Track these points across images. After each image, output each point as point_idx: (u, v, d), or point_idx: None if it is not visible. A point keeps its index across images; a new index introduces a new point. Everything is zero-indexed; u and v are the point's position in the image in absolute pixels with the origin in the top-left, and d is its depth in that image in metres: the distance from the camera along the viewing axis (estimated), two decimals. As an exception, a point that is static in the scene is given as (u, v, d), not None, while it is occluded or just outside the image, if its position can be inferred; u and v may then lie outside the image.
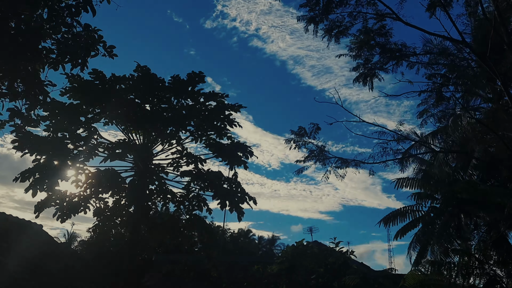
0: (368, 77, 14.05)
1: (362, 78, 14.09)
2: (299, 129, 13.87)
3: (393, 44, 13.60)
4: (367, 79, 14.05)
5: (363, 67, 14.12)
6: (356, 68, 14.30)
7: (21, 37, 7.28)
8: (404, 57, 13.79)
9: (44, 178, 14.99)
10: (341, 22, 13.32)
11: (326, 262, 16.01)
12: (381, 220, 18.71)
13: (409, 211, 17.80)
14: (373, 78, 14.08)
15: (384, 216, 18.63)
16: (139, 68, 17.50)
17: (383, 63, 13.86)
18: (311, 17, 13.19)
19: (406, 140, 14.44)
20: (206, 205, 17.73)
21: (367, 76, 14.11)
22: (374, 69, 14.02)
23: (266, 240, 48.02)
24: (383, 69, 14.03)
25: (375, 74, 14.08)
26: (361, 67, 14.15)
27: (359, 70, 14.27)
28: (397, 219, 17.74)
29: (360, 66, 14.19)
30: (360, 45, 13.68)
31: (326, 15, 13.07)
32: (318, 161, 13.73)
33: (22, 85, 7.97)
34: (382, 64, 13.92)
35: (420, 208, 17.88)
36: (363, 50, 13.73)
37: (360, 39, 13.61)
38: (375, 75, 14.08)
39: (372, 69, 14.04)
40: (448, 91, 15.32)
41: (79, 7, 7.41)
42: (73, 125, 16.08)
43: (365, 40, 13.52)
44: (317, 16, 13.12)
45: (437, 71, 14.90)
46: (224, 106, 17.88)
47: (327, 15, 13.06)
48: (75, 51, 7.93)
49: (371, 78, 14.06)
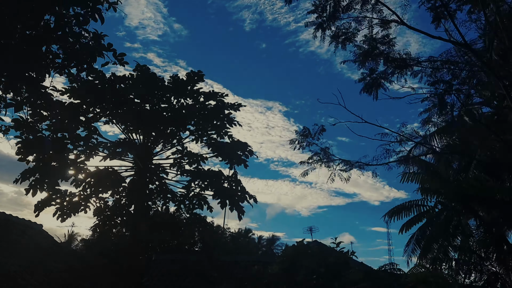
0: (374, 87, 14.27)
1: (367, 89, 14.32)
2: (303, 129, 13.96)
3: (397, 54, 13.87)
4: (372, 89, 14.26)
5: (369, 77, 14.36)
6: (362, 79, 14.54)
7: (26, 44, 7.19)
8: (407, 67, 14.03)
9: (44, 178, 15.01)
10: (348, 29, 13.60)
11: (326, 262, 15.96)
12: (385, 213, 18.69)
13: (414, 206, 17.79)
14: (378, 88, 14.29)
15: (388, 210, 18.62)
16: (138, 68, 17.52)
17: (388, 74, 14.17)
18: (319, 23, 13.42)
19: (409, 141, 14.45)
20: (207, 203, 17.73)
21: (372, 86, 14.31)
22: (379, 78, 14.25)
23: (266, 239, 48.10)
24: (388, 79, 14.26)
25: (380, 84, 14.28)
26: (367, 77, 14.40)
27: (364, 81, 14.47)
28: (402, 214, 17.75)
29: (366, 78, 14.40)
30: (365, 56, 13.90)
31: (333, 21, 13.36)
32: (322, 163, 13.73)
33: (25, 92, 7.91)
34: (386, 75, 14.20)
35: (425, 203, 17.88)
36: (367, 59, 13.96)
37: (364, 50, 13.85)
38: (380, 85, 14.29)
39: (377, 79, 14.26)
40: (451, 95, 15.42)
41: (87, 16, 7.22)
42: (73, 125, 16.08)
43: (369, 51, 13.78)
44: (324, 23, 13.40)
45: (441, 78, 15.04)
46: (224, 105, 17.90)
47: (334, 21, 13.37)
48: (81, 57, 7.84)
49: (376, 88, 14.27)
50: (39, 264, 12.14)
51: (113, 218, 17.84)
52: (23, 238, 12.44)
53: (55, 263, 12.95)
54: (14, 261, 11.15)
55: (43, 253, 12.78)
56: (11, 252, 11.48)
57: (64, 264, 13.25)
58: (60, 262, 13.24)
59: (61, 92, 16.20)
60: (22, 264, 11.28)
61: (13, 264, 10.96)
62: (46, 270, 12.26)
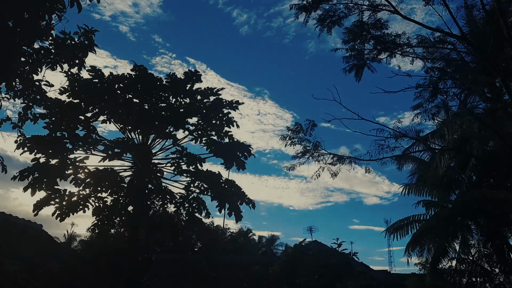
0: (360, 68, 13.49)
1: (354, 69, 13.60)
2: (295, 125, 13.51)
3: (387, 36, 12.98)
4: (360, 70, 13.53)
5: (353, 58, 13.52)
6: (348, 58, 13.70)
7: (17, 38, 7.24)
8: (398, 47, 13.10)
9: (43, 177, 14.93)
10: (335, 12, 12.62)
11: (328, 264, 15.82)
12: (386, 229, 18.31)
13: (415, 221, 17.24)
14: (362, 68, 13.45)
15: (388, 226, 18.28)
16: (136, 68, 17.47)
17: (376, 54, 13.32)
18: (303, 5, 12.41)
19: (404, 137, 13.93)
20: (206, 208, 17.59)
21: (359, 67, 13.53)
22: (365, 59, 13.43)
23: (266, 239, 48.01)
24: (376, 59, 13.44)
25: (366, 64, 13.53)
26: (352, 57, 13.55)
27: (350, 61, 13.79)
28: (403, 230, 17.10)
29: (351, 56, 13.57)
30: (354, 37, 13.10)
31: (319, 4, 12.39)
32: (312, 157, 13.25)
33: (19, 84, 7.96)
34: (374, 55, 13.36)
35: (427, 218, 17.37)
36: (356, 42, 13.19)
37: (353, 32, 13.07)
38: (366, 65, 13.57)
39: (364, 59, 13.44)
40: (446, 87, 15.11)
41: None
42: (72, 124, 16.01)
43: (359, 32, 12.90)
44: (309, 5, 12.36)
45: (435, 65, 14.63)
46: (222, 103, 17.79)
47: (320, 3, 12.39)
48: (72, 51, 7.92)
49: (361, 68, 13.48)
50: (39, 264, 12.08)
51: (112, 218, 17.72)
52: (23, 238, 12.38)
53: (55, 263, 12.88)
54: (14, 261, 11.09)
55: (43, 253, 12.72)
56: (11, 252, 11.42)
57: (64, 264, 13.18)
58: (60, 262, 13.18)
59: (59, 92, 16.13)
60: (22, 264, 11.21)
61: (13, 264, 10.89)
62: (46, 270, 12.19)
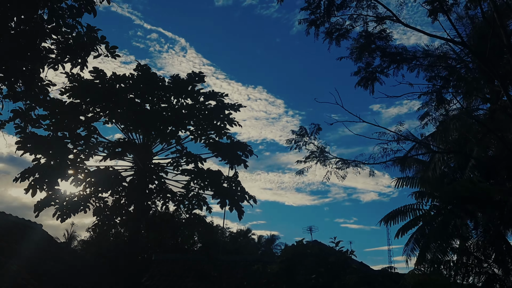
0: (370, 81, 14.17)
1: (363, 82, 14.22)
2: (300, 129, 14.02)
3: (394, 48, 13.79)
4: (368, 83, 14.18)
5: (364, 71, 14.22)
6: (357, 72, 14.40)
7: (21, 38, 7.30)
8: (404, 61, 13.94)
9: (44, 178, 14.97)
10: (342, 25, 13.45)
11: (326, 262, 15.92)
12: (382, 219, 18.86)
13: (409, 210, 18.03)
14: (374, 82, 14.21)
15: (384, 215, 18.77)
16: (139, 68, 17.52)
17: (384, 67, 14.02)
18: (312, 20, 13.20)
19: (406, 140, 14.53)
20: (206, 203, 17.71)
21: (368, 80, 14.22)
22: (375, 72, 14.14)
23: (266, 239, 48.15)
24: (384, 73, 14.15)
25: (376, 78, 14.20)
26: (362, 71, 14.25)
27: (360, 75, 14.38)
28: (398, 218, 17.98)
29: (361, 71, 14.29)
30: (361, 49, 13.78)
31: (327, 18, 13.16)
32: (319, 161, 13.83)
33: (22, 85, 8.00)
34: (383, 68, 14.06)
35: (420, 207, 18.08)
36: (364, 54, 13.86)
37: (360, 43, 13.75)
38: (376, 79, 14.21)
39: (373, 72, 14.14)
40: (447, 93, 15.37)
41: (81, 8, 7.47)
42: (73, 124, 16.05)
43: (365, 44, 13.63)
44: (318, 19, 13.18)
45: (437, 74, 14.99)
46: (224, 105, 17.91)
47: (328, 18, 13.15)
48: (75, 51, 7.99)
49: (372, 82, 14.20)
50: (39, 264, 12.13)
51: (113, 218, 17.78)
52: (23, 238, 12.43)
53: (55, 263, 12.94)
54: (14, 261, 11.14)
55: (43, 253, 12.77)
56: (11, 252, 11.48)
57: (64, 264, 13.24)
58: (60, 262, 13.23)
59: (60, 92, 16.17)
60: (22, 264, 11.26)
61: (13, 264, 10.95)
62: (46, 270, 12.24)
